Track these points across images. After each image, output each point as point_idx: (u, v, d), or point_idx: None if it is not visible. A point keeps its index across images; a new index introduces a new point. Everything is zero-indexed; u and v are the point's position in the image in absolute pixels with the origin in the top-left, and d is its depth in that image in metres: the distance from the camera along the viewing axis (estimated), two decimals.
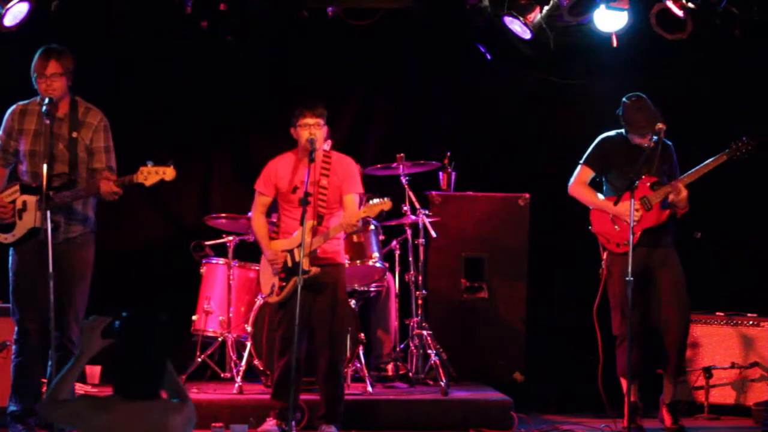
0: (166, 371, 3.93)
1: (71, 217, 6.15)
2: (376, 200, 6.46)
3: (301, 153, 6.53)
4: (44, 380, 6.15)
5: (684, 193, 6.69)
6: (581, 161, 6.98)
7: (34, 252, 5.98)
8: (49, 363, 5.86)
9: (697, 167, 6.77)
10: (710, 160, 6.77)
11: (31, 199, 6.11)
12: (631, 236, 6.45)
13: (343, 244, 6.71)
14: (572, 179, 7.00)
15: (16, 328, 6.20)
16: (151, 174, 5.98)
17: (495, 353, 8.11)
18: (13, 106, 6.29)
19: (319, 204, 6.47)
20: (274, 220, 6.82)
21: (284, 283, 6.48)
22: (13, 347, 6.22)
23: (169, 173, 5.99)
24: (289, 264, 6.47)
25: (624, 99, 6.83)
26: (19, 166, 6.24)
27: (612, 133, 6.95)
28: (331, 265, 6.50)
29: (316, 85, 8.23)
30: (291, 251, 6.47)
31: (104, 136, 6.23)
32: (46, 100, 6.02)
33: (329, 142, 7.63)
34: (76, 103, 6.22)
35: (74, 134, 6.13)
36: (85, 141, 6.18)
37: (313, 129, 6.40)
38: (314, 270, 6.37)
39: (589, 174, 6.96)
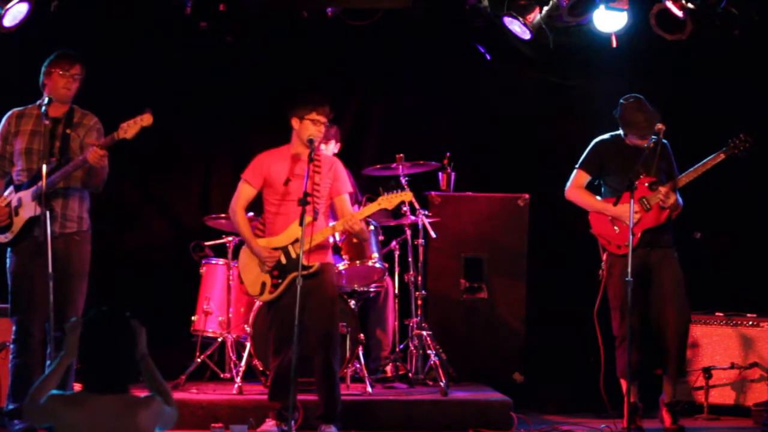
0: (135, 366, 4.06)
1: (67, 212, 6.19)
2: (392, 193, 6.43)
3: (296, 145, 6.51)
4: None
5: (672, 199, 6.68)
6: (577, 165, 6.96)
7: (32, 252, 6.00)
8: (48, 363, 5.85)
9: (695, 166, 6.77)
10: (708, 158, 6.77)
11: (26, 194, 6.14)
12: (631, 237, 6.44)
13: (330, 245, 6.68)
14: (568, 184, 6.99)
15: (14, 329, 6.22)
16: (130, 126, 6.01)
17: (495, 353, 8.10)
18: (10, 111, 6.36)
19: (314, 200, 6.46)
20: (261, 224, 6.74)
21: (279, 281, 6.46)
22: (12, 347, 6.23)
23: (146, 119, 6.01)
24: (283, 261, 6.45)
25: (621, 100, 6.82)
26: (12, 169, 6.28)
27: (606, 135, 6.95)
28: (319, 264, 6.46)
29: (315, 86, 8.21)
30: (285, 248, 6.46)
31: (97, 135, 6.32)
32: (46, 100, 6.06)
33: (338, 145, 7.64)
34: (72, 108, 6.34)
35: (68, 131, 6.22)
36: (80, 137, 6.26)
37: (320, 126, 6.41)
38: (316, 265, 6.36)
39: (585, 178, 6.95)
